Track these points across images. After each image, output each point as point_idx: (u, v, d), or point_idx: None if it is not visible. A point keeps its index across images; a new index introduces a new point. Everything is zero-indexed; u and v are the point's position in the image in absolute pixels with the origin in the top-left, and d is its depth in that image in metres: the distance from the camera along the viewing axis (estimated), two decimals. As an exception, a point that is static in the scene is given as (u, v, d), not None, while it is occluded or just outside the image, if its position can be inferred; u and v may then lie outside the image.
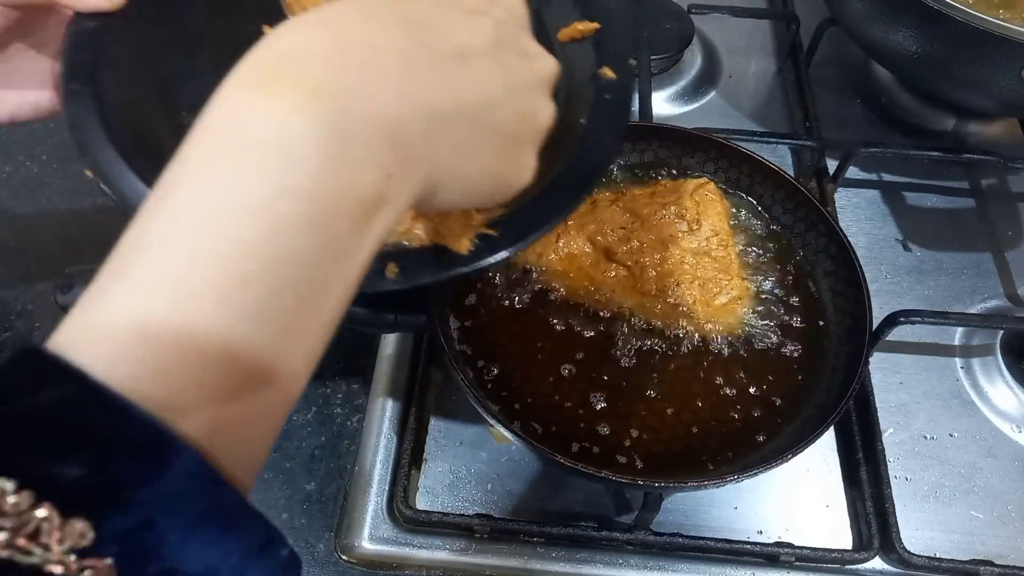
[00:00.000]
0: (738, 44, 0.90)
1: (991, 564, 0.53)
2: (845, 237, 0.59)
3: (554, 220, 0.40)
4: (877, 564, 0.54)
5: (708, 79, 0.86)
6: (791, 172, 0.75)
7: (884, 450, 0.57)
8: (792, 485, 0.57)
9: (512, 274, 0.60)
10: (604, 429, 0.53)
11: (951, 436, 0.60)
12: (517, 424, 0.53)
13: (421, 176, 0.29)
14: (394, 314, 0.53)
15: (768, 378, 0.56)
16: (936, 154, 0.73)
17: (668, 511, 0.55)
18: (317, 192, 0.25)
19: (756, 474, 0.49)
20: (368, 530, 0.55)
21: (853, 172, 0.75)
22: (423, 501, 0.56)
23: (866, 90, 0.85)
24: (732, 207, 0.64)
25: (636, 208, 0.62)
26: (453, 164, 0.31)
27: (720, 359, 0.57)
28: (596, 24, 0.46)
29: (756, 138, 0.73)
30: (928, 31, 0.65)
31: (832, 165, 0.74)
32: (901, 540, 0.54)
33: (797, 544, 0.54)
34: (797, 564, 0.54)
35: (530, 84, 0.35)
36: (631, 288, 0.58)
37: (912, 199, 0.75)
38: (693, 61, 0.87)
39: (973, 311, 0.67)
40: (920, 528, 0.56)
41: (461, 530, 0.54)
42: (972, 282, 0.69)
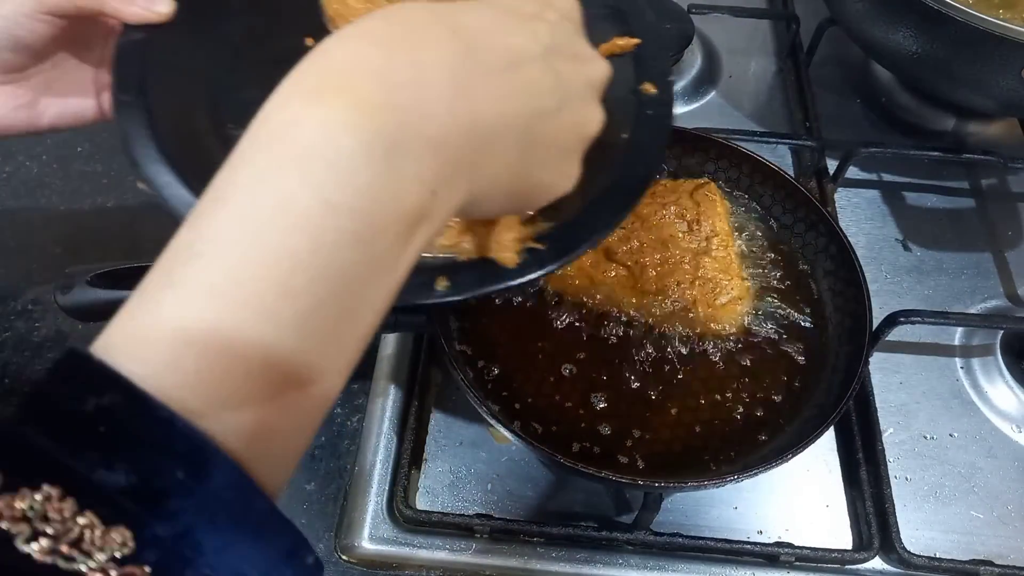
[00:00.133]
0: (738, 44, 0.90)
1: (991, 564, 0.53)
2: (845, 237, 0.59)
3: (600, 235, 0.40)
4: (877, 564, 0.54)
5: (708, 79, 0.86)
6: (791, 172, 0.75)
7: (884, 450, 0.57)
8: (792, 485, 0.57)
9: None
10: (605, 429, 0.53)
11: (951, 436, 0.60)
12: (517, 424, 0.53)
13: (464, 190, 0.29)
14: (394, 314, 0.53)
15: (768, 378, 0.56)
16: (936, 154, 0.73)
17: (668, 511, 0.55)
18: (362, 208, 0.25)
19: (756, 474, 0.49)
20: (368, 530, 0.55)
21: (853, 172, 0.75)
22: (423, 501, 0.56)
23: (866, 90, 0.85)
24: (732, 207, 0.64)
25: (636, 208, 0.61)
26: (497, 176, 0.31)
27: (720, 359, 0.57)
28: (637, 40, 0.47)
29: (756, 138, 0.73)
30: (928, 31, 0.65)
31: (832, 165, 0.74)
32: (901, 540, 0.54)
33: (797, 544, 0.54)
34: (797, 564, 0.54)
35: (582, 92, 0.34)
36: (631, 288, 0.58)
37: (912, 199, 0.75)
38: (693, 61, 0.87)
39: (973, 311, 0.67)
40: (920, 528, 0.56)
41: (461, 530, 0.54)
42: (972, 282, 0.69)
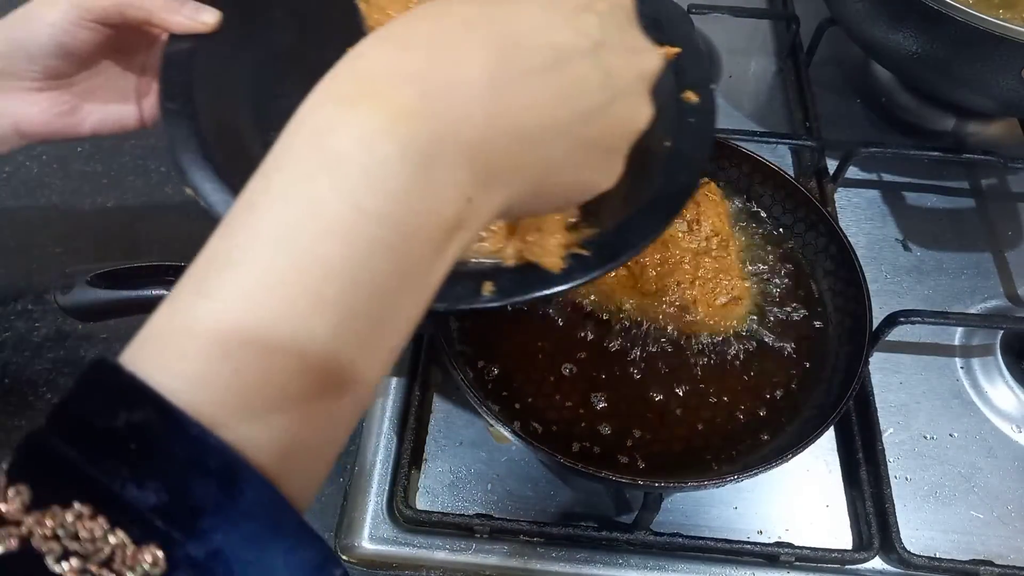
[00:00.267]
0: (738, 44, 0.90)
1: (991, 564, 0.53)
2: (845, 237, 0.59)
3: (645, 242, 0.40)
4: (877, 564, 0.54)
5: (708, 79, 0.86)
6: (791, 172, 0.74)
7: (884, 450, 0.57)
8: (792, 485, 0.57)
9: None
10: (605, 429, 0.53)
11: (951, 436, 0.60)
12: (517, 424, 0.53)
13: (503, 195, 0.28)
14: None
15: (768, 378, 0.56)
16: (936, 154, 0.73)
17: (668, 511, 0.55)
18: (397, 216, 0.24)
19: (756, 474, 0.49)
20: (368, 530, 0.55)
21: (853, 172, 0.75)
22: (423, 501, 0.56)
23: (866, 90, 0.85)
24: (732, 207, 0.64)
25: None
26: (538, 180, 0.29)
27: (720, 359, 0.57)
28: (677, 49, 0.47)
29: (756, 138, 0.73)
30: (928, 31, 0.65)
31: (832, 165, 0.74)
32: (901, 540, 0.54)
33: (797, 544, 0.54)
34: (797, 564, 0.54)
35: (632, 86, 0.32)
36: (631, 288, 0.58)
37: (912, 199, 0.75)
38: (693, 61, 0.87)
39: (973, 311, 0.67)
40: (920, 528, 0.56)
41: (461, 530, 0.54)
42: (972, 282, 0.69)
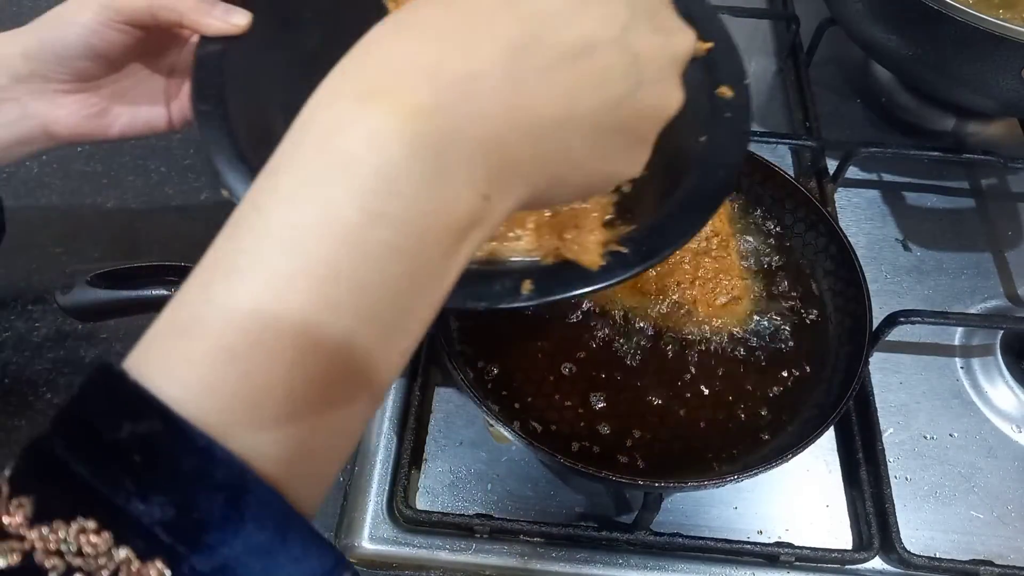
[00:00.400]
0: (738, 44, 0.89)
1: (991, 564, 0.53)
2: (845, 237, 0.59)
3: (684, 239, 0.40)
4: (877, 564, 0.54)
5: (708, 79, 0.86)
6: (791, 172, 0.74)
7: (884, 450, 0.57)
8: (792, 485, 0.57)
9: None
10: (604, 429, 0.53)
11: (951, 436, 0.60)
12: (517, 424, 0.53)
13: (521, 191, 0.27)
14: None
15: (768, 378, 0.56)
16: (936, 154, 0.73)
17: (668, 511, 0.55)
18: (409, 219, 0.23)
19: (756, 474, 0.49)
20: (368, 530, 0.55)
21: (853, 172, 0.75)
22: (423, 501, 0.56)
23: (866, 90, 0.84)
24: (732, 207, 0.64)
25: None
26: (558, 172, 0.28)
27: (720, 359, 0.57)
28: (709, 44, 0.47)
29: (756, 138, 0.73)
30: (928, 31, 0.65)
31: (832, 165, 0.74)
32: (901, 540, 0.54)
33: (797, 544, 0.54)
34: (797, 564, 0.54)
35: (662, 71, 0.30)
36: (631, 288, 0.58)
37: (912, 199, 0.75)
38: (693, 61, 0.87)
39: (973, 311, 0.67)
40: (920, 528, 0.56)
41: (461, 530, 0.54)
42: (972, 282, 0.69)
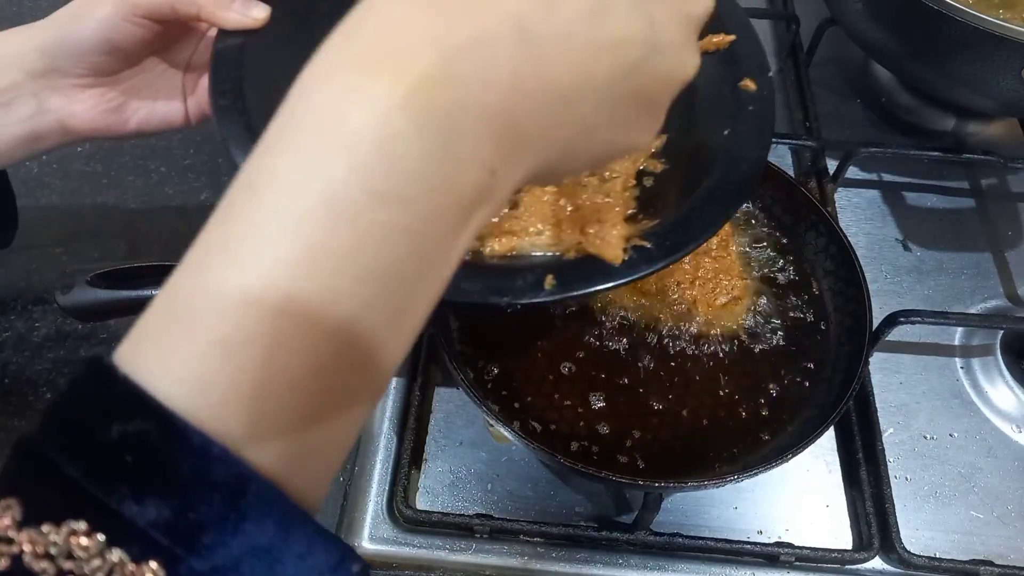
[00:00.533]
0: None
1: (991, 564, 0.53)
2: (845, 237, 0.59)
3: (708, 233, 0.40)
4: (877, 564, 0.54)
5: (708, 79, 0.86)
6: (791, 172, 0.75)
7: (884, 450, 0.57)
8: (792, 485, 0.57)
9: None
10: (604, 429, 0.53)
11: (951, 436, 0.60)
12: (517, 424, 0.53)
13: (530, 163, 0.26)
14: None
15: (768, 378, 0.56)
16: (936, 154, 0.73)
17: (668, 511, 0.55)
18: (415, 197, 0.22)
19: (756, 474, 0.49)
20: (368, 530, 0.55)
21: (853, 172, 0.75)
22: (423, 501, 0.56)
23: (866, 90, 0.84)
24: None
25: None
26: (569, 143, 0.27)
27: (720, 359, 0.57)
28: (732, 36, 0.47)
29: (756, 138, 0.73)
30: (928, 31, 0.65)
31: (832, 165, 0.74)
32: (901, 540, 0.54)
33: (797, 544, 0.54)
34: (797, 564, 0.54)
35: (679, 34, 0.29)
36: (631, 288, 0.58)
37: (912, 199, 0.75)
38: (693, 61, 0.87)
39: (973, 311, 0.67)
40: (920, 528, 0.56)
41: (461, 530, 0.54)
42: (972, 282, 0.69)
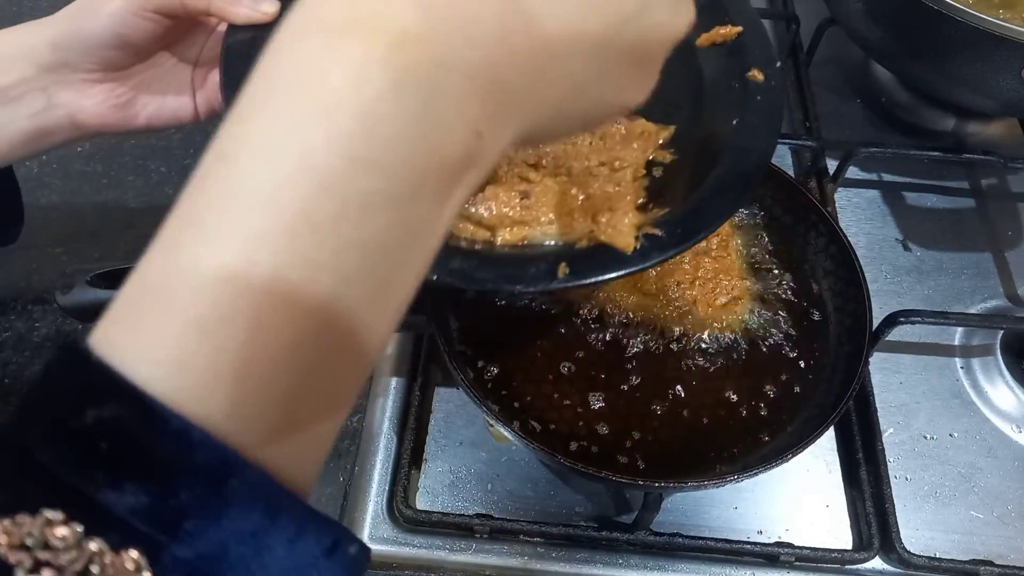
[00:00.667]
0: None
1: (991, 564, 0.53)
2: (845, 237, 0.59)
3: (719, 221, 0.40)
4: (877, 564, 0.54)
5: (708, 79, 0.86)
6: (791, 172, 0.75)
7: (884, 450, 0.57)
8: (792, 485, 0.57)
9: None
10: (603, 429, 0.53)
11: (951, 436, 0.60)
12: (516, 424, 0.53)
13: (518, 125, 0.24)
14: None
15: (768, 378, 0.56)
16: (936, 154, 0.73)
17: (668, 511, 0.55)
18: (397, 163, 0.21)
19: (756, 474, 0.49)
20: (368, 530, 0.55)
21: (853, 172, 0.75)
22: (423, 501, 0.56)
23: (866, 90, 0.84)
24: (732, 207, 0.64)
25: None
26: (559, 102, 0.26)
27: (720, 359, 0.57)
28: (739, 28, 0.47)
29: (756, 138, 0.73)
30: (928, 31, 0.65)
31: (832, 165, 0.74)
32: (901, 540, 0.54)
33: (797, 544, 0.54)
34: (797, 564, 0.54)
35: None
36: (631, 287, 0.58)
37: (912, 199, 0.75)
38: (693, 61, 0.87)
39: (973, 311, 0.67)
40: (920, 528, 0.56)
41: (461, 530, 0.54)
42: (972, 282, 0.69)
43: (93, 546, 0.18)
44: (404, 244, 0.22)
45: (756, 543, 0.54)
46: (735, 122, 0.44)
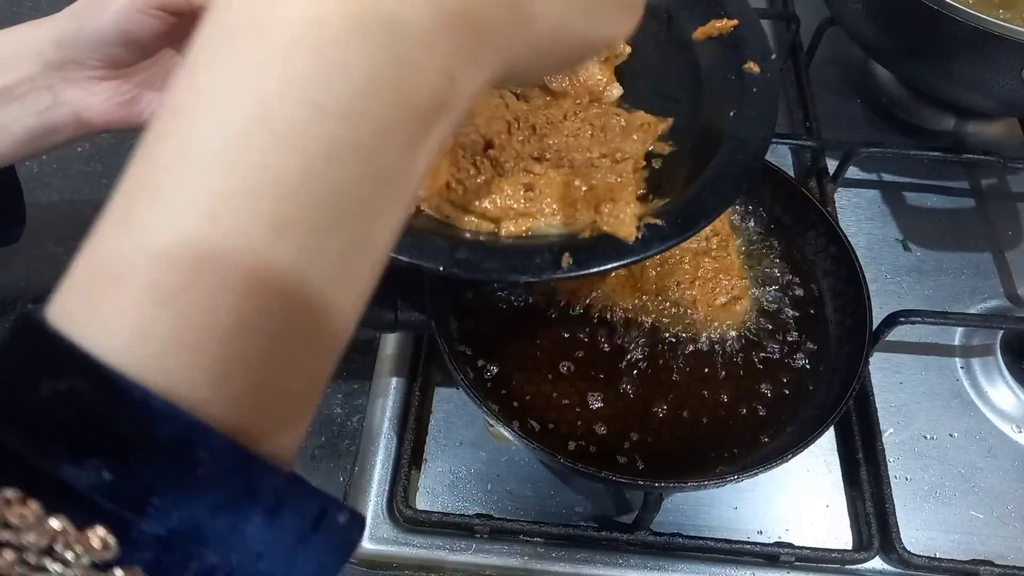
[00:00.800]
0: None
1: (991, 564, 0.53)
2: (845, 237, 0.59)
3: (718, 211, 0.41)
4: (877, 564, 0.54)
5: (708, 79, 0.86)
6: (791, 172, 0.75)
7: (884, 450, 0.57)
8: (792, 485, 0.57)
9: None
10: (602, 429, 0.53)
11: (951, 436, 0.60)
12: (516, 423, 0.53)
13: (493, 65, 0.23)
14: (394, 313, 0.53)
15: (768, 378, 0.56)
16: (936, 154, 0.73)
17: (668, 511, 0.55)
18: (361, 109, 0.20)
19: (756, 474, 0.49)
20: (368, 530, 0.55)
21: (853, 172, 0.75)
22: (423, 501, 0.56)
23: (866, 90, 0.84)
24: (732, 207, 0.64)
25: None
26: (538, 42, 0.24)
27: (720, 359, 0.57)
28: (735, 21, 0.48)
29: (756, 138, 0.73)
30: (928, 31, 0.65)
31: (832, 165, 0.74)
32: (901, 540, 0.54)
33: (797, 544, 0.54)
34: (797, 564, 0.54)
35: None
36: (631, 288, 0.58)
37: (912, 199, 0.75)
38: (693, 61, 0.87)
39: (973, 311, 0.67)
40: (920, 528, 0.56)
41: (461, 530, 0.54)
42: (972, 282, 0.69)
43: (56, 524, 0.18)
44: (376, 196, 0.21)
45: (756, 543, 0.54)
46: (732, 114, 0.45)
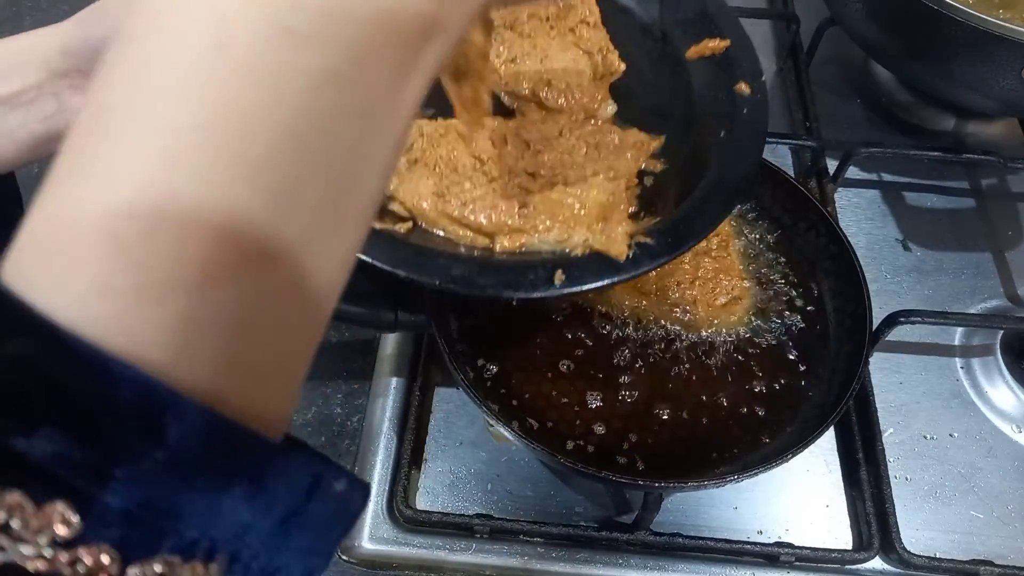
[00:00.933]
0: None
1: (991, 564, 0.53)
2: (845, 237, 0.59)
3: (707, 230, 0.42)
4: (877, 564, 0.54)
5: (708, 79, 0.86)
6: (791, 172, 0.74)
7: (884, 450, 0.57)
8: (792, 485, 0.57)
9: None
10: (600, 429, 0.53)
11: (951, 436, 0.60)
12: (516, 423, 0.53)
13: None
14: (394, 313, 0.53)
15: (768, 378, 0.56)
16: (936, 154, 0.73)
17: (668, 511, 0.55)
18: (336, 32, 0.18)
19: (756, 474, 0.49)
20: (368, 530, 0.55)
21: (853, 172, 0.75)
22: (423, 501, 0.56)
23: (866, 90, 0.84)
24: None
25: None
26: None
27: (720, 359, 0.57)
28: (727, 41, 0.48)
29: (756, 138, 0.73)
30: (928, 31, 0.65)
31: (832, 165, 0.74)
32: (901, 540, 0.54)
33: (797, 544, 0.54)
34: (797, 564, 0.54)
35: None
36: (631, 288, 0.58)
37: (912, 199, 0.75)
38: (693, 61, 0.87)
39: (973, 311, 0.67)
40: (920, 528, 0.56)
41: (461, 530, 0.54)
42: (972, 282, 0.69)
43: (11, 499, 0.16)
44: (358, 134, 0.19)
45: (756, 543, 0.54)
46: (723, 134, 0.45)
